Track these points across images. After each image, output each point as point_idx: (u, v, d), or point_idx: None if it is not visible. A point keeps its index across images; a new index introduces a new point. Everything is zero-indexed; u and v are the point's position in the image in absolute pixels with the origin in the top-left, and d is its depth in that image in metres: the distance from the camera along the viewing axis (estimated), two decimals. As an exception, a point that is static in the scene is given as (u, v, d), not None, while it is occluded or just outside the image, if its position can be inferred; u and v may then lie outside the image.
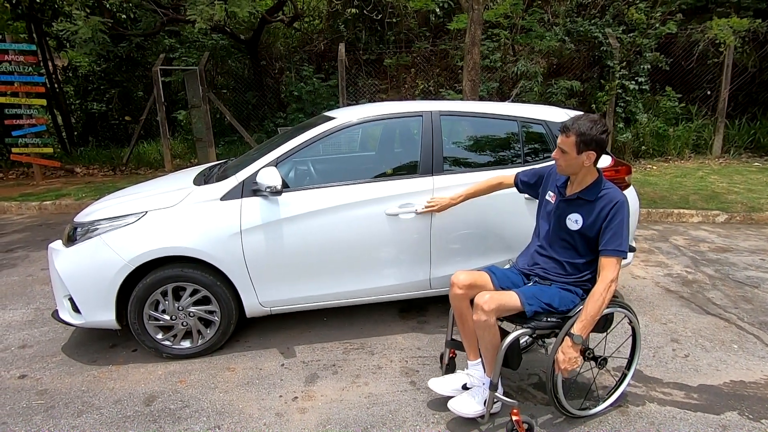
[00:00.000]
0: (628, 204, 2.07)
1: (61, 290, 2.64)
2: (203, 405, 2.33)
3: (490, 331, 2.03)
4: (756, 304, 3.38)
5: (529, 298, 2.05)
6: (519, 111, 3.15)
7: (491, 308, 1.98)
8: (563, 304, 2.09)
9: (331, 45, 10.01)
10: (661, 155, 8.19)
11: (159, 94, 7.97)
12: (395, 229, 2.80)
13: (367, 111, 3.03)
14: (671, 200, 5.84)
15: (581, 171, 2.09)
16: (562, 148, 2.06)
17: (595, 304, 1.95)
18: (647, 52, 8.02)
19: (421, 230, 2.83)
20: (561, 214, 2.18)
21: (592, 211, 2.08)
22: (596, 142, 2.01)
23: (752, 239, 4.82)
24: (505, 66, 8.62)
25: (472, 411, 2.12)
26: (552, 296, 2.09)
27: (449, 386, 2.25)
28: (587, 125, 2.01)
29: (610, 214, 2.03)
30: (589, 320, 1.94)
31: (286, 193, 2.69)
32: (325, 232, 2.71)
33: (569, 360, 1.92)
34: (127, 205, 2.71)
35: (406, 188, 2.81)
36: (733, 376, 2.54)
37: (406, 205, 2.78)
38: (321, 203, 2.71)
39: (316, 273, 2.76)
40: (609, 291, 1.97)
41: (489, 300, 2.00)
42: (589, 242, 2.11)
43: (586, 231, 2.10)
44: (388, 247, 2.81)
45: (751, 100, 8.76)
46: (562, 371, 1.94)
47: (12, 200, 6.56)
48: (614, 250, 2.00)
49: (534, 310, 2.04)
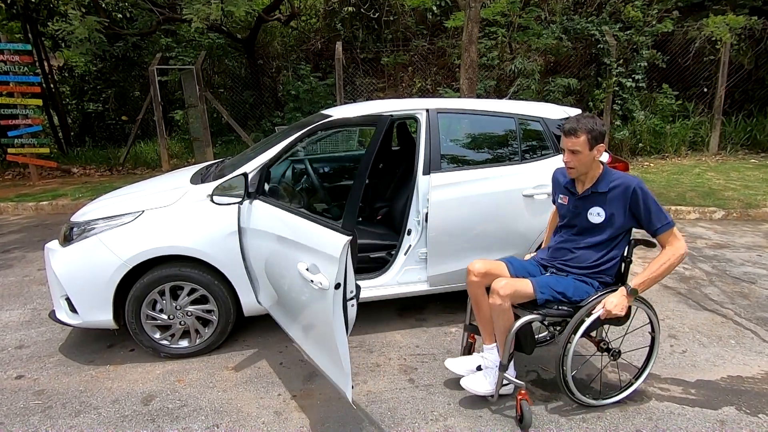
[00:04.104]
0: (643, 183, 2.12)
1: (57, 290, 2.62)
2: (201, 404, 2.32)
3: (504, 316, 2.11)
4: (753, 299, 3.39)
5: (542, 286, 2.12)
6: (516, 108, 3.15)
7: (506, 293, 2.08)
8: (577, 294, 2.14)
9: (328, 44, 10.00)
10: (658, 152, 8.21)
11: (156, 94, 7.94)
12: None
13: (363, 108, 3.03)
14: (668, 197, 5.85)
15: (592, 167, 2.15)
16: (573, 150, 2.09)
17: (661, 265, 2.04)
18: (644, 49, 8.03)
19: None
20: (580, 212, 2.22)
21: (612, 201, 2.13)
22: (602, 135, 2.11)
23: (749, 235, 4.83)
24: (502, 64, 8.62)
25: (483, 389, 2.23)
26: (567, 286, 2.15)
27: (464, 367, 2.37)
28: (591, 121, 2.09)
29: (637, 200, 2.07)
30: (650, 278, 2.05)
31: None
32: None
33: (616, 305, 2.02)
34: (124, 205, 2.70)
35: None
36: (731, 371, 2.55)
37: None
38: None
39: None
40: (678, 257, 2.06)
41: (505, 285, 2.09)
42: (614, 231, 2.15)
43: (611, 221, 2.14)
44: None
45: (747, 97, 8.79)
46: (605, 311, 2.03)
47: (8, 201, 6.53)
48: (663, 225, 2.06)
49: (545, 298, 2.11)
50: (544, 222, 2.88)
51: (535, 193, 2.93)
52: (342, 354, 1.86)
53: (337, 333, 1.85)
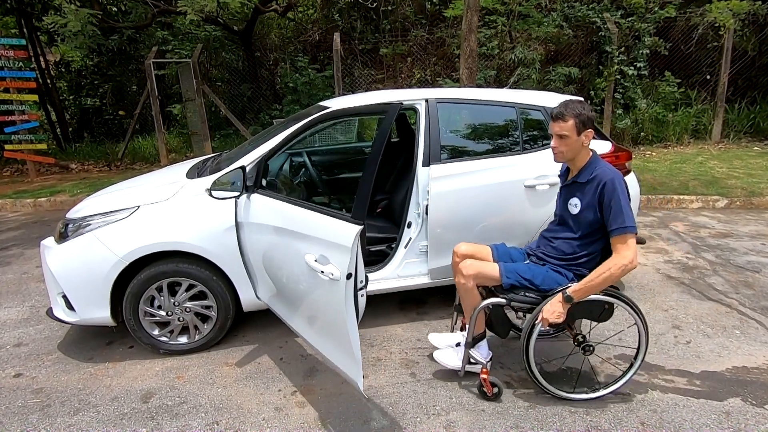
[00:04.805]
0: (621, 179, 2.05)
1: (54, 288, 2.60)
2: (201, 401, 2.30)
3: (468, 295, 2.20)
4: (757, 289, 3.36)
5: (509, 271, 2.15)
6: (517, 97, 3.10)
7: (470, 273, 2.16)
8: (546, 283, 2.13)
9: (326, 35, 9.89)
10: (661, 141, 8.13)
11: (152, 88, 7.87)
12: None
13: (360, 99, 2.97)
14: (671, 186, 5.80)
15: (580, 154, 2.12)
16: (561, 135, 2.07)
17: (600, 275, 1.99)
18: (646, 36, 7.92)
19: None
20: (564, 201, 2.23)
21: (588, 193, 2.09)
22: (591, 120, 2.08)
23: (752, 224, 4.78)
24: (502, 53, 8.52)
25: (451, 363, 2.36)
26: (536, 274, 2.14)
27: (444, 341, 2.50)
28: (579, 106, 2.06)
29: (605, 194, 2.02)
30: (586, 287, 2.00)
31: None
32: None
33: (550, 311, 2.01)
34: (120, 200, 2.66)
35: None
36: (736, 362, 2.52)
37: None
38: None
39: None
40: (619, 269, 1.96)
41: (469, 266, 2.17)
42: (589, 224, 2.11)
43: (584, 213, 2.11)
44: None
45: (750, 84, 8.69)
46: (542, 321, 2.03)
47: (6, 197, 6.50)
48: (619, 228, 1.98)
49: (510, 284, 2.14)
50: (545, 213, 2.84)
51: (536, 184, 2.88)
52: (353, 343, 1.86)
53: (350, 323, 1.85)
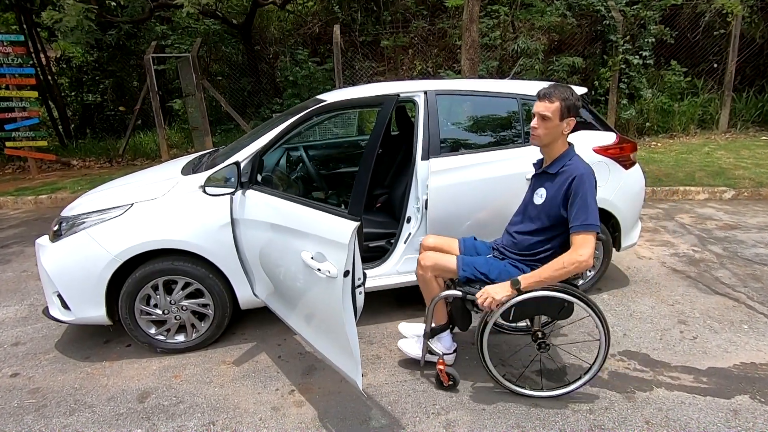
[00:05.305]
0: (592, 175, 1.99)
1: (49, 286, 2.57)
2: (198, 400, 2.27)
3: (427, 286, 2.25)
4: (765, 282, 3.28)
5: (466, 264, 2.14)
6: (519, 88, 3.02)
7: (427, 265, 2.19)
8: (501, 278, 2.08)
9: (326, 27, 9.78)
10: (666, 131, 8.00)
11: (152, 83, 7.81)
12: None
13: (358, 92, 2.91)
14: (677, 177, 5.70)
15: (557, 142, 2.05)
16: (544, 115, 2.00)
17: (552, 268, 1.94)
18: (651, 24, 7.77)
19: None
20: (532, 191, 2.18)
21: (555, 185, 2.03)
22: (576, 108, 2.01)
23: (760, 216, 4.69)
24: (504, 44, 8.39)
25: (413, 353, 2.42)
26: (492, 268, 2.11)
27: (412, 331, 2.54)
28: (567, 91, 2.01)
29: (572, 188, 1.96)
30: (536, 278, 1.95)
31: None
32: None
33: (494, 290, 1.95)
34: (114, 198, 2.62)
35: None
36: (744, 357, 2.45)
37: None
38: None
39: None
40: (574, 265, 1.90)
41: (427, 258, 2.21)
42: (551, 218, 2.05)
43: (547, 204, 2.05)
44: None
45: (759, 72, 8.51)
46: (484, 299, 1.96)
47: (8, 195, 6.49)
48: (580, 225, 1.92)
49: (466, 276, 2.12)
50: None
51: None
52: (352, 342, 1.83)
53: (348, 321, 1.82)
